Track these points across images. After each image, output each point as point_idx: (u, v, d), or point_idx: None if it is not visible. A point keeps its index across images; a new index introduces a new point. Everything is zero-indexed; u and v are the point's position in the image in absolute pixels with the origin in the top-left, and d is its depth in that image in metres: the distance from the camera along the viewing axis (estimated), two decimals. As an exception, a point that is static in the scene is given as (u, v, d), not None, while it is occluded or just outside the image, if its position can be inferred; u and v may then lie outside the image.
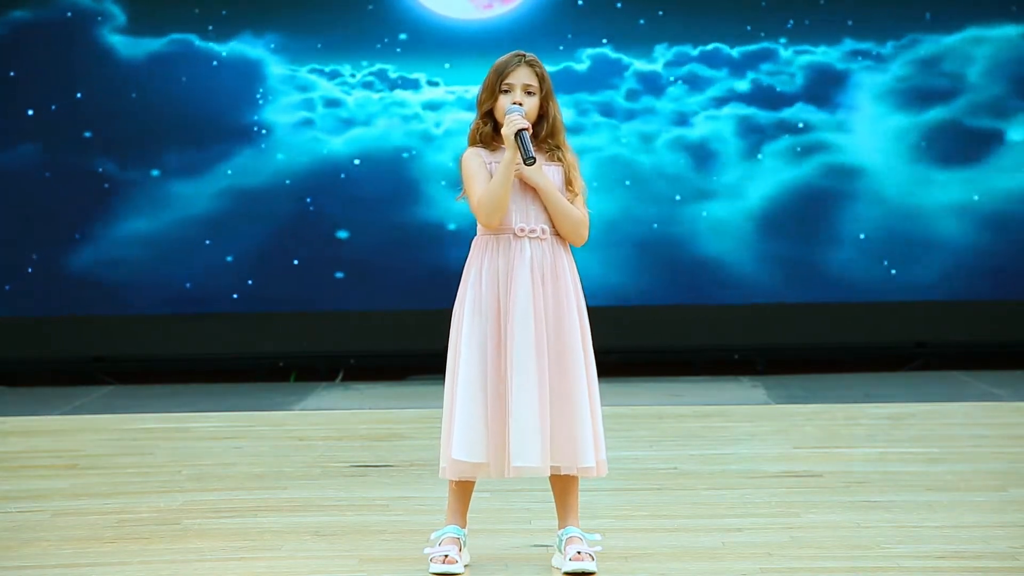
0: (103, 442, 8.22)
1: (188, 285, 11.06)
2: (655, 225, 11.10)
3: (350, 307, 11.10)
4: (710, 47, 11.22)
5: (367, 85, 11.09)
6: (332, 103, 11.12)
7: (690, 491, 6.60)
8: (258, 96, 11.18)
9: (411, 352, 11.01)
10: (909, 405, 9.16)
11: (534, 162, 5.13)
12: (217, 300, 11.08)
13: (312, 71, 11.10)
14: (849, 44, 11.15)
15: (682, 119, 11.20)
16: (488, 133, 5.28)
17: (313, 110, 11.14)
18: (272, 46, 11.16)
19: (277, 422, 8.90)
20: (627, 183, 11.14)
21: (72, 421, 9.15)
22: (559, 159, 5.28)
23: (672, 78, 11.20)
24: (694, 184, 11.14)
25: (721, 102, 11.19)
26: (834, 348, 11.20)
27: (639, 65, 11.20)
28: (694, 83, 11.22)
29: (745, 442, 7.89)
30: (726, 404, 9.50)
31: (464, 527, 5.33)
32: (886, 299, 11.06)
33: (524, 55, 5.27)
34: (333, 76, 11.10)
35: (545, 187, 5.22)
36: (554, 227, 5.26)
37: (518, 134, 5.12)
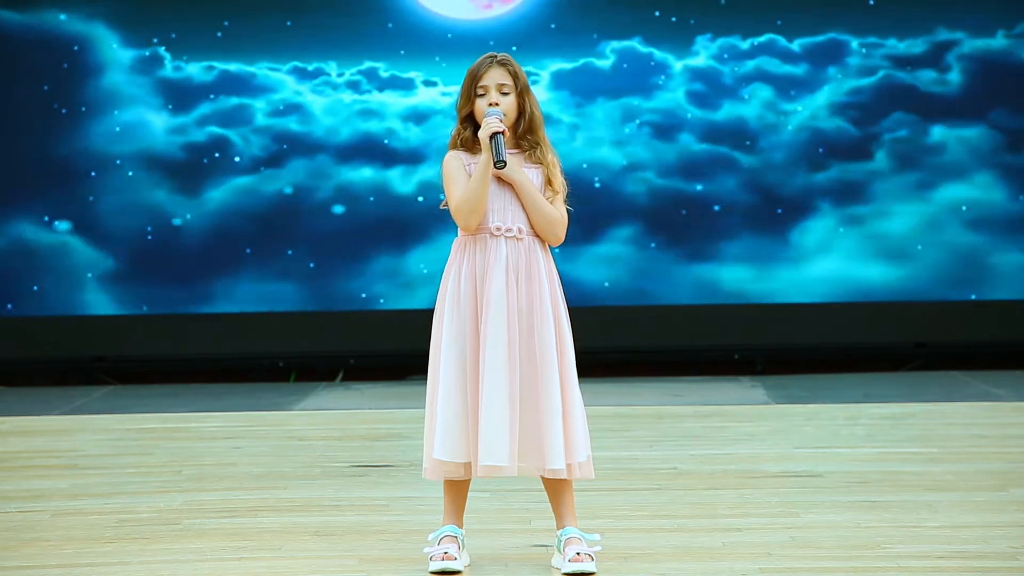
0: (103, 442, 8.22)
1: (193, 285, 11.03)
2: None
3: (350, 307, 11.09)
4: (764, 39, 11.02)
5: (353, 85, 10.99)
6: (294, 108, 10.95)
7: (690, 491, 6.60)
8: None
9: (411, 352, 10.96)
10: (909, 405, 9.16)
11: (504, 165, 5.15)
12: (217, 300, 11.07)
13: (293, 70, 10.99)
14: (943, 34, 10.94)
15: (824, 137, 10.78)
16: (468, 138, 5.30)
17: (249, 121, 10.96)
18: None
19: (277, 422, 8.91)
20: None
21: (72, 421, 9.15)
22: (538, 159, 5.29)
23: (737, 76, 10.85)
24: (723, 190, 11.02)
25: (854, 110, 10.83)
26: (834, 348, 11.19)
27: (685, 61, 10.88)
28: (776, 83, 10.93)
29: (745, 442, 7.89)
30: (726, 404, 9.50)
31: (461, 527, 5.33)
32: (886, 299, 11.05)
33: (495, 56, 5.30)
34: (317, 75, 11.01)
35: (522, 183, 5.23)
36: (532, 227, 5.27)
37: (492, 137, 5.15)
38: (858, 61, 10.94)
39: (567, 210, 5.31)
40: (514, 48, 10.60)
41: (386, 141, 10.96)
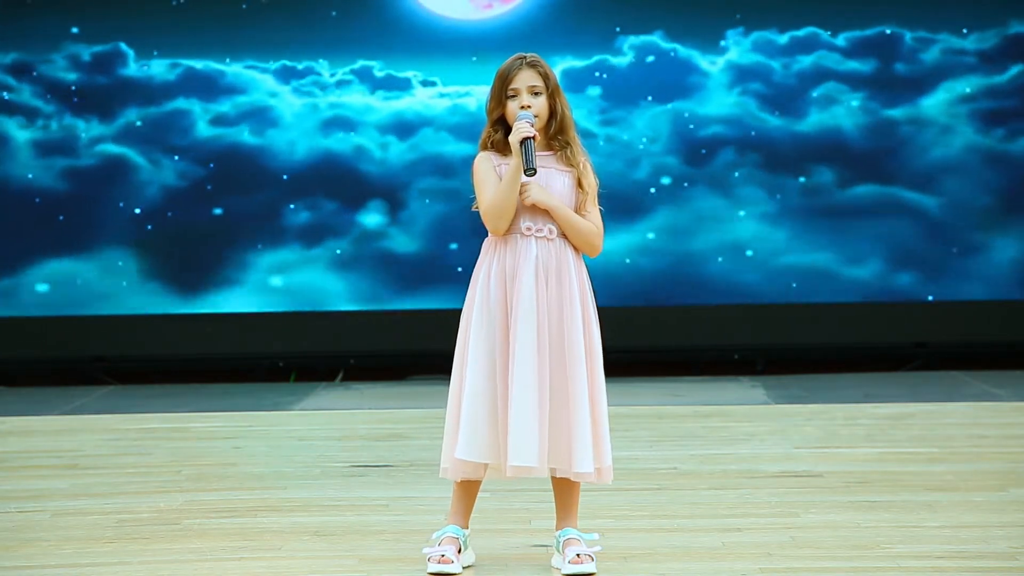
0: (103, 442, 8.22)
1: (193, 285, 11.03)
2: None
3: (350, 307, 11.09)
4: (803, 32, 10.57)
5: (344, 84, 10.95)
6: (259, 111, 10.90)
7: (690, 491, 6.60)
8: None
9: (411, 352, 11.01)
10: (909, 405, 9.16)
11: (534, 173, 5.14)
12: (218, 300, 11.07)
13: (281, 69, 10.95)
14: (1015, 26, 10.37)
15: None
16: (499, 140, 5.30)
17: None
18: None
19: (277, 422, 8.91)
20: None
21: (72, 421, 9.15)
22: (569, 160, 5.28)
23: (803, 75, 10.24)
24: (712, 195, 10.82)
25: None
26: (834, 348, 11.18)
27: (726, 58, 10.47)
28: (852, 83, 10.43)
29: (745, 442, 7.89)
30: (726, 404, 9.50)
31: (466, 528, 5.33)
32: (886, 299, 11.04)
33: (525, 57, 5.29)
34: (306, 74, 10.97)
35: (556, 207, 5.22)
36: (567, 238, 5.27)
37: (523, 142, 5.14)
38: (936, 57, 10.42)
39: (600, 211, 5.30)
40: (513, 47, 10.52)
41: (372, 155, 10.94)
